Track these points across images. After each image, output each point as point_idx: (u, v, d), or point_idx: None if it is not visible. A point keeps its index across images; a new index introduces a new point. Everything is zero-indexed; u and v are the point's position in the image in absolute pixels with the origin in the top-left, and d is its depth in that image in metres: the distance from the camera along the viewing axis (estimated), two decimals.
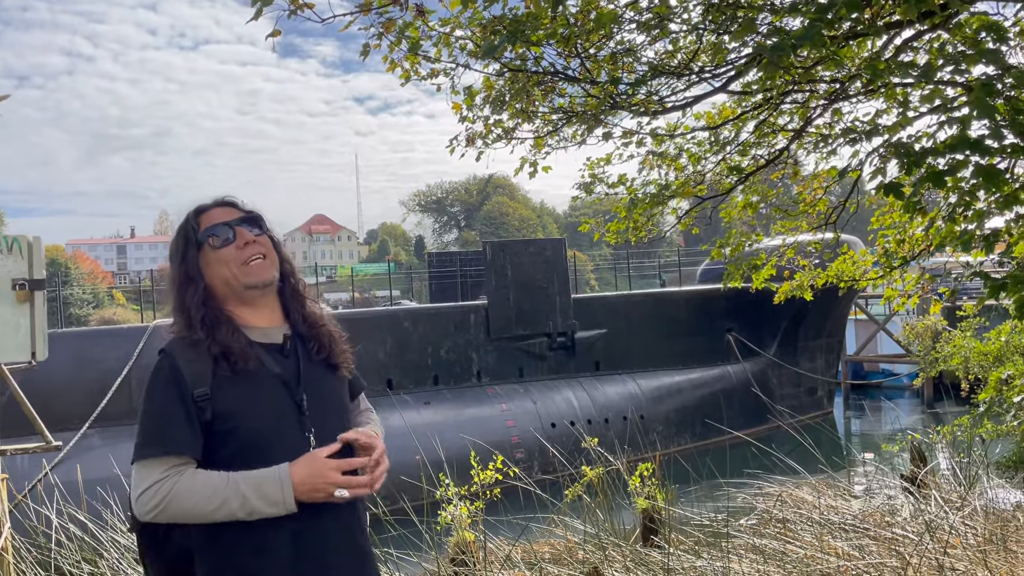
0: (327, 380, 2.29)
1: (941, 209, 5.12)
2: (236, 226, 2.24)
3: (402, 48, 4.64)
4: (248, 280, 2.21)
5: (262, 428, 2.12)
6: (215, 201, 2.32)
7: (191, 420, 2.09)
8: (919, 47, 4.62)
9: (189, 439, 2.08)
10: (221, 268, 2.21)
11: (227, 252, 2.21)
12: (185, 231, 2.26)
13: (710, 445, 18.64)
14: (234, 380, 2.12)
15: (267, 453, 2.09)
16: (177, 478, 2.05)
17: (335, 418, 2.25)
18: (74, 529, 5.84)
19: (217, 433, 2.11)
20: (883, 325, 28.37)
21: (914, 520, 5.67)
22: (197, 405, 2.09)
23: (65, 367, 13.77)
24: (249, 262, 2.21)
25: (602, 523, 6.33)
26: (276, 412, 2.15)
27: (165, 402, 2.10)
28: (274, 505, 2.03)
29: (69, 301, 46.92)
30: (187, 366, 2.11)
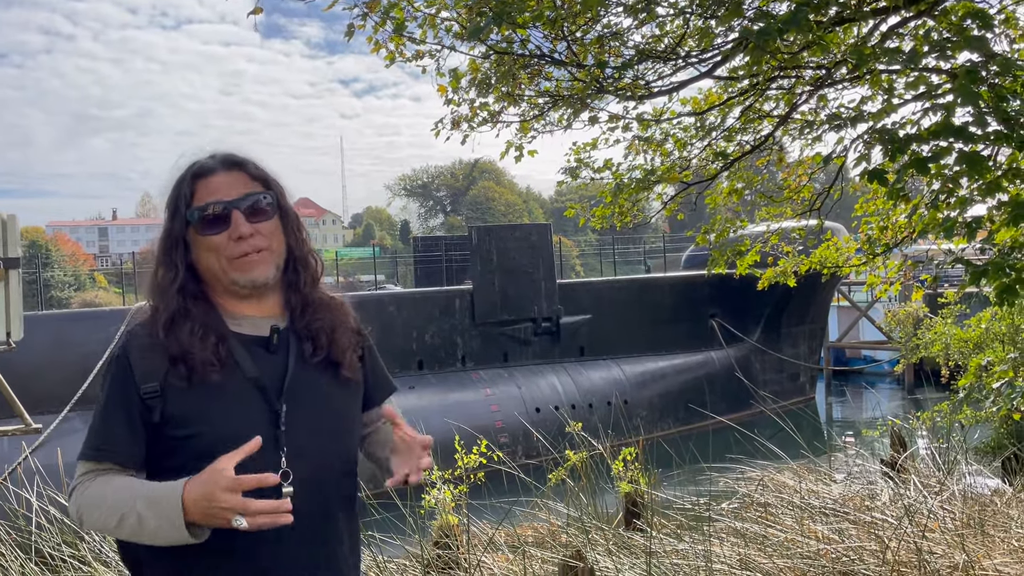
0: (323, 381, 1.92)
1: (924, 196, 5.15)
2: (235, 208, 1.84)
3: (387, 29, 4.60)
4: (236, 278, 1.85)
5: (221, 440, 1.72)
6: (220, 160, 1.90)
7: (131, 422, 1.78)
8: (905, 34, 4.63)
9: (118, 445, 1.79)
10: (208, 256, 1.86)
11: (218, 240, 1.85)
12: (176, 197, 1.88)
13: (693, 430, 18.77)
14: (191, 377, 1.79)
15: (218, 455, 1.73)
16: (89, 485, 1.77)
17: (324, 433, 1.89)
18: (55, 512, 5.80)
19: (167, 438, 1.79)
20: (865, 312, 28.61)
21: (893, 504, 5.74)
22: (144, 403, 1.78)
23: (46, 349, 13.67)
24: (240, 258, 1.85)
25: (585, 507, 6.36)
26: (242, 422, 1.77)
27: (107, 399, 1.82)
28: (173, 527, 1.64)
29: (50, 284, 46.48)
30: (139, 359, 1.80)
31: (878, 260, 6.73)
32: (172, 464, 1.77)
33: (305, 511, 1.77)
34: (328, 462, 1.90)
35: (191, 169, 1.90)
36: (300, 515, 1.73)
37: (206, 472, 1.65)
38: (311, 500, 1.82)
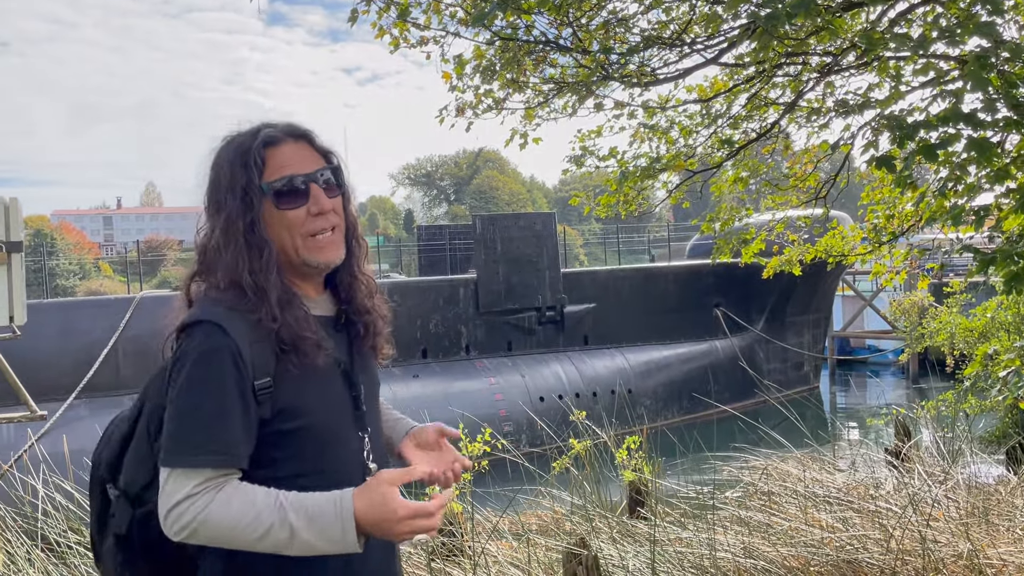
0: (370, 365, 1.91)
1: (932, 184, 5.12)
2: (313, 181, 1.74)
3: (391, 15, 4.57)
4: (309, 258, 1.75)
5: (325, 426, 1.72)
6: (283, 130, 1.78)
7: (248, 421, 1.64)
8: (913, 20, 4.59)
9: (240, 448, 1.63)
10: (282, 232, 1.73)
11: (295, 216, 1.72)
12: (246, 165, 1.71)
13: (697, 419, 18.78)
14: (295, 368, 1.70)
15: (324, 456, 1.73)
16: (214, 494, 1.59)
17: (376, 407, 1.93)
18: (60, 499, 5.82)
19: (273, 433, 1.69)
20: (870, 301, 28.55)
21: (897, 493, 5.73)
22: (257, 399, 1.65)
23: (51, 337, 13.72)
24: (317, 235, 1.74)
25: (589, 495, 6.37)
26: (336, 407, 1.76)
27: (218, 396, 1.62)
28: (332, 543, 1.57)
29: (55, 272, 46.59)
30: (249, 349, 1.64)
31: (884, 249, 6.70)
32: (277, 455, 1.69)
33: None
34: (382, 438, 1.95)
35: (259, 136, 1.76)
36: None
37: (375, 493, 1.59)
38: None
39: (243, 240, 1.70)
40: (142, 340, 15.14)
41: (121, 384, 14.84)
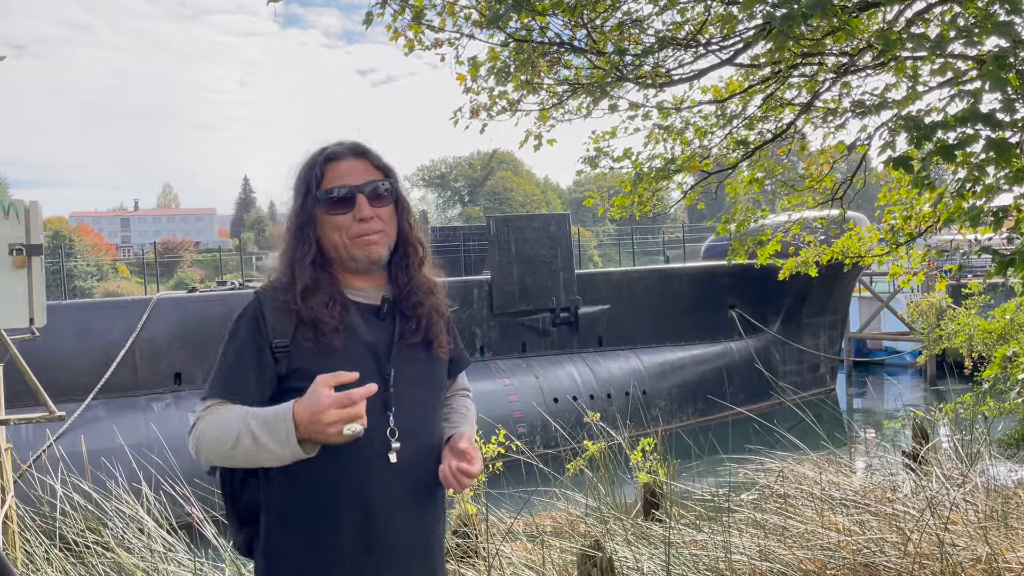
0: (420, 356, 2.13)
1: (950, 185, 5.08)
2: (359, 192, 2.06)
3: (406, 17, 4.58)
4: (356, 254, 2.07)
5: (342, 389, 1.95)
6: (348, 147, 2.12)
7: (261, 368, 1.98)
8: (931, 19, 4.56)
9: (250, 387, 1.98)
10: (333, 233, 2.07)
11: (342, 220, 2.06)
12: (308, 177, 2.09)
13: (712, 421, 18.71)
14: (317, 337, 2.00)
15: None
16: (206, 416, 1.96)
17: (423, 398, 2.11)
18: (78, 499, 5.87)
19: (290, 391, 1.95)
20: (887, 302, 28.34)
21: (915, 496, 5.68)
22: (274, 355, 1.99)
23: (69, 338, 13.83)
24: (362, 237, 2.06)
25: (604, 497, 6.36)
26: (360, 378, 1.96)
27: (239, 346, 2.01)
28: (282, 445, 1.84)
29: (73, 273, 47.01)
30: (272, 316, 2.01)
31: (901, 250, 6.65)
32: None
33: (408, 473, 2.02)
34: (426, 429, 2.11)
35: (323, 153, 2.11)
36: (404, 477, 2.01)
37: (309, 393, 1.83)
38: (414, 463, 2.03)
39: (295, 239, 2.07)
40: (159, 341, 15.26)
41: (138, 385, 14.96)
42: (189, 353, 15.50)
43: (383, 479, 1.99)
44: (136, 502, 5.57)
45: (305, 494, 1.99)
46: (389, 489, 2.00)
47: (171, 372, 15.41)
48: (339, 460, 1.95)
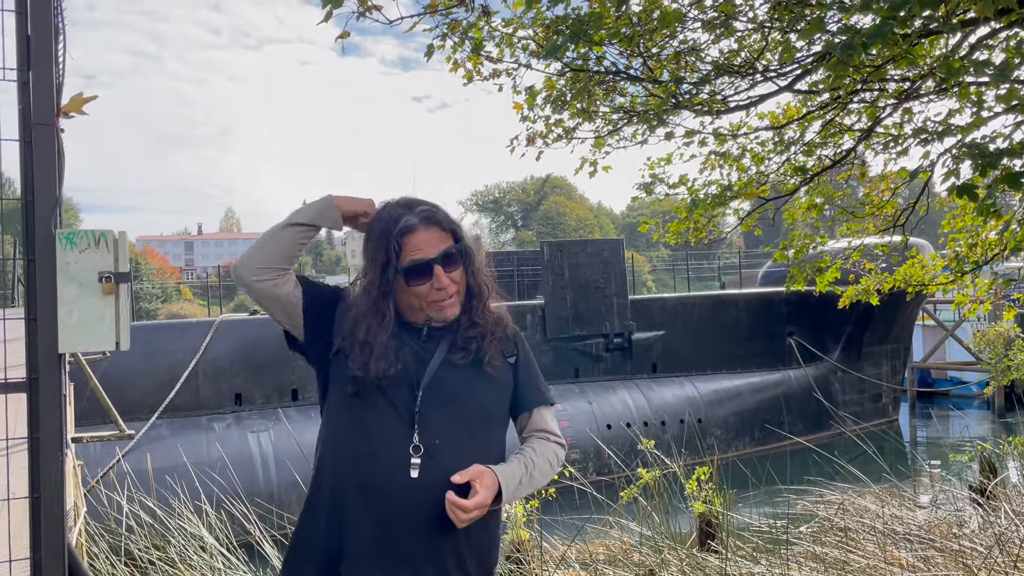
0: (462, 381, 2.21)
1: (1017, 212, 4.96)
2: (436, 263, 2.20)
3: (465, 48, 4.69)
4: (433, 315, 2.22)
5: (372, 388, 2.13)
6: (420, 217, 2.24)
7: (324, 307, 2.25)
8: (995, 45, 4.48)
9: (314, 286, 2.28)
10: (411, 299, 2.22)
11: (421, 290, 2.20)
12: (387, 249, 2.20)
13: (770, 450, 18.34)
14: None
15: (369, 422, 2.13)
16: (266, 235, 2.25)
17: (454, 422, 2.16)
18: (144, 515, 6.05)
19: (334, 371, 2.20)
20: (952, 331, 27.51)
21: (983, 533, 5.50)
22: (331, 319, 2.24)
23: (136, 359, 14.27)
24: (440, 301, 2.21)
25: (658, 526, 6.29)
26: (392, 393, 2.15)
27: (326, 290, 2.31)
28: (316, 208, 2.24)
29: (139, 296, 48.49)
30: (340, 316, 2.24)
31: (967, 278, 6.49)
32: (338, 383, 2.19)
33: (430, 492, 2.06)
34: (453, 451, 2.13)
35: (399, 227, 2.22)
36: (426, 495, 2.05)
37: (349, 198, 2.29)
38: (437, 483, 2.06)
39: (373, 304, 2.19)
40: (220, 363, 15.64)
41: (201, 405, 15.33)
42: (249, 374, 15.86)
43: (403, 492, 2.07)
44: (198, 520, 5.71)
45: (329, 487, 2.14)
46: (408, 503, 2.07)
47: (232, 393, 15.77)
48: (363, 465, 2.11)
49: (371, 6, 3.75)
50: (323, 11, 3.63)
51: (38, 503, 2.09)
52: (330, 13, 3.60)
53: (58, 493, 2.11)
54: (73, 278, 2.03)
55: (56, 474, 2.09)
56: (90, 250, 2.03)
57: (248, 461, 14.22)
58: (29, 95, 2.07)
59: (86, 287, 2.05)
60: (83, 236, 2.07)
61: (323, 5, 3.56)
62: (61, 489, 2.11)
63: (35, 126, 2.04)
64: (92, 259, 2.03)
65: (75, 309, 2.04)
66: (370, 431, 2.12)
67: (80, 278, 2.04)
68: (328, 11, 3.59)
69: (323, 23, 3.68)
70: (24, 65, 2.08)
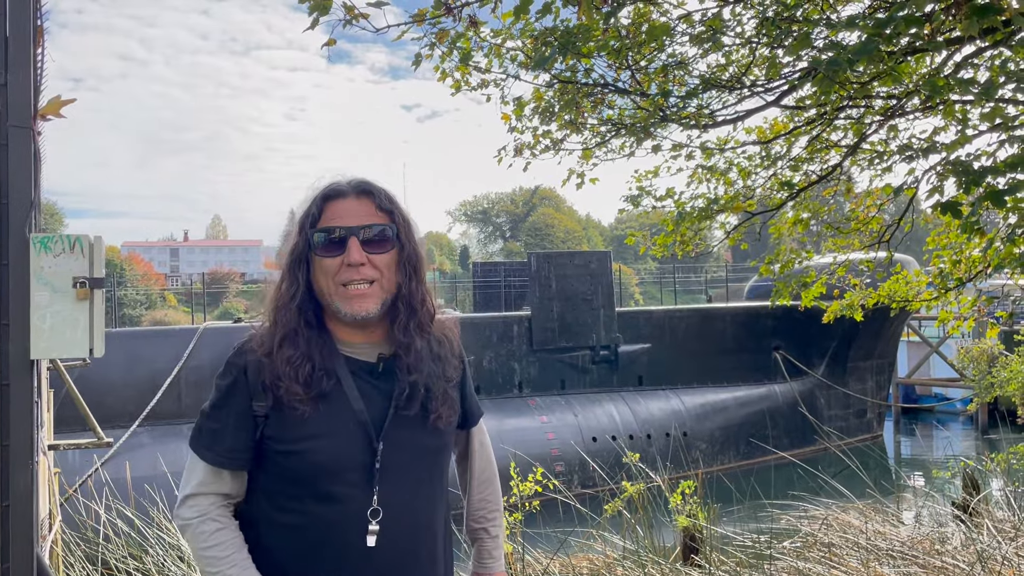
0: (416, 423, 1.90)
1: (1000, 230, 4.99)
2: (353, 235, 1.85)
3: (454, 59, 4.68)
4: (340, 307, 1.85)
5: (319, 463, 1.80)
6: (352, 185, 1.91)
7: (242, 432, 1.85)
8: (980, 64, 4.52)
9: (234, 453, 1.85)
10: (320, 276, 1.87)
11: (330, 263, 1.85)
12: (304, 215, 1.90)
13: (754, 465, 18.36)
14: (301, 399, 1.82)
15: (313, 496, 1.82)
16: (200, 527, 1.84)
17: (415, 471, 1.89)
18: (121, 525, 5.97)
19: (269, 452, 1.84)
20: (936, 348, 27.68)
21: (965, 549, 5.50)
22: (254, 419, 1.84)
23: (118, 366, 14.14)
24: (348, 286, 1.84)
25: (642, 540, 6.27)
26: (341, 453, 1.82)
27: (222, 407, 1.86)
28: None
29: (123, 302, 48.16)
30: (255, 373, 1.84)
31: (950, 295, 6.52)
32: (273, 476, 1.86)
33: (387, 557, 1.83)
34: (415, 507, 1.90)
35: (324, 190, 1.92)
36: (382, 561, 1.82)
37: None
38: (396, 546, 1.85)
39: (284, 278, 1.89)
40: (204, 370, 15.53)
41: (183, 413, 15.20)
42: None
43: (357, 565, 1.81)
44: (176, 530, 5.64)
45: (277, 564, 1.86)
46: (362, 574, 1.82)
47: None
48: (312, 541, 1.82)
49: (358, 14, 3.74)
50: (310, 18, 3.61)
51: (7, 512, 2.04)
52: (316, 20, 3.58)
53: (27, 502, 2.06)
54: (47, 283, 2.00)
55: (26, 482, 2.05)
56: (65, 255, 2.00)
57: None
58: (5, 97, 2.04)
59: (60, 292, 2.02)
60: (58, 241, 2.03)
61: (310, 12, 3.55)
62: (30, 498, 2.07)
63: (11, 128, 2.01)
64: (67, 264, 2.00)
65: (48, 314, 2.00)
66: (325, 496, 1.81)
67: (54, 283, 2.01)
68: (315, 19, 3.58)
69: (309, 30, 3.66)
70: (1, 67, 2.05)
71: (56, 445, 5.55)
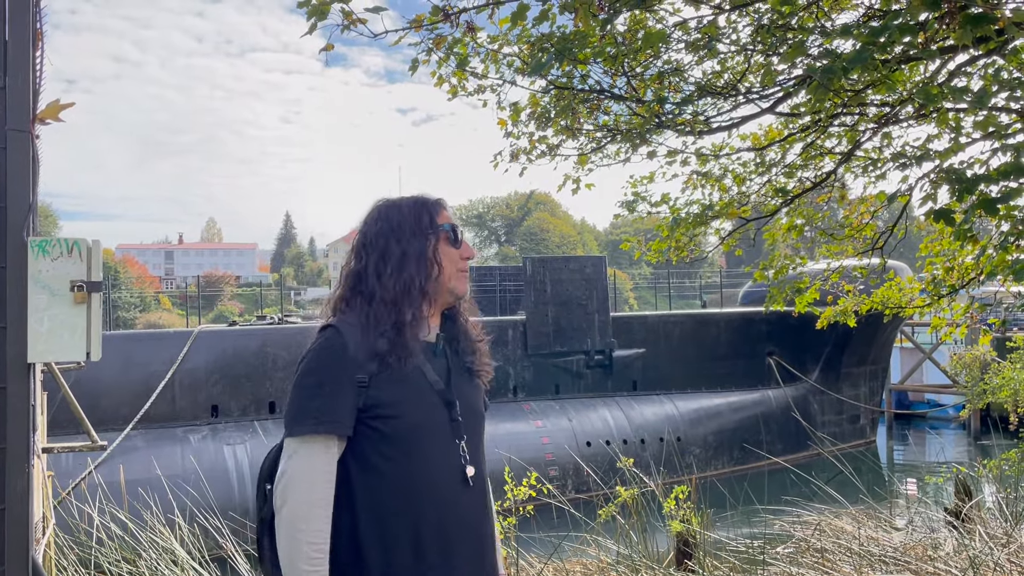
0: (473, 389, 2.31)
1: (992, 237, 5.02)
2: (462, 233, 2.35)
3: (450, 64, 4.70)
4: (456, 288, 2.27)
5: (417, 424, 2.10)
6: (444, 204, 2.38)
7: (347, 399, 2.05)
8: (973, 72, 4.55)
9: (337, 415, 2.04)
10: (447, 263, 2.26)
11: (456, 252, 2.28)
12: (430, 211, 2.28)
13: (748, 470, 18.38)
14: (393, 372, 2.10)
15: (419, 449, 2.09)
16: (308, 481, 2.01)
17: (479, 428, 2.29)
18: (115, 528, 5.95)
19: (371, 420, 2.08)
20: (929, 354, 27.75)
21: (958, 555, 5.52)
22: (357, 388, 2.07)
23: (112, 368, 14.10)
24: (464, 272, 2.30)
25: (635, 544, 6.27)
26: (431, 414, 2.14)
27: (325, 377, 2.06)
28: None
29: (117, 304, 48.01)
30: (355, 348, 2.08)
31: (943, 302, 6.56)
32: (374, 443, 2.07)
33: (478, 496, 2.18)
34: (482, 454, 2.27)
35: (434, 201, 2.33)
36: (475, 500, 2.17)
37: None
38: (480, 487, 2.20)
39: (415, 261, 2.20)
40: (198, 373, 15.50)
41: (177, 416, 15.16)
42: (227, 386, 15.71)
43: (463, 502, 2.15)
44: (170, 533, 5.63)
45: (386, 517, 2.08)
46: (467, 511, 2.15)
47: (209, 404, 15.61)
48: (423, 486, 2.09)
49: (355, 20, 3.75)
50: (307, 23, 3.62)
51: (3, 515, 2.04)
52: (314, 25, 3.59)
53: (24, 505, 2.06)
54: (45, 287, 2.00)
55: (22, 486, 2.05)
56: (63, 259, 2.00)
57: (223, 474, 14.06)
58: (4, 101, 2.04)
59: (58, 296, 2.02)
60: (56, 244, 2.04)
61: (308, 17, 3.56)
62: (27, 501, 2.07)
63: (9, 132, 2.02)
64: (65, 268, 2.00)
65: (46, 318, 2.00)
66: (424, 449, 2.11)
67: (52, 287, 2.01)
68: (312, 24, 3.59)
69: (308, 35, 3.67)
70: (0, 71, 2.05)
71: (50, 448, 5.53)
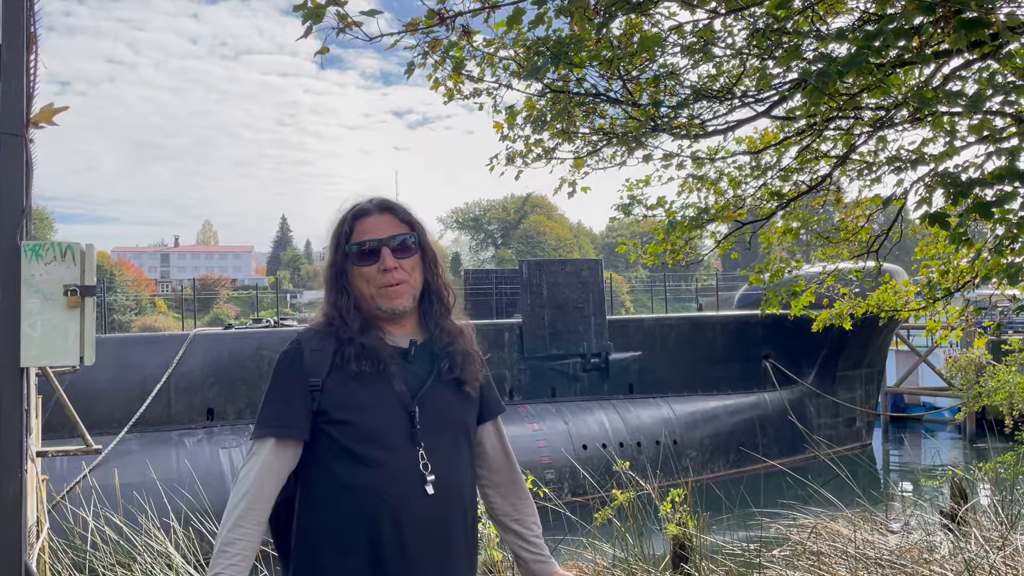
0: (448, 396, 2.25)
1: (987, 241, 5.03)
2: (385, 245, 2.23)
3: (446, 67, 4.70)
4: (380, 304, 2.22)
5: (370, 430, 2.11)
6: (375, 204, 2.29)
7: (303, 403, 2.12)
8: (968, 76, 4.56)
9: (298, 421, 2.12)
10: (361, 283, 2.23)
11: (368, 271, 2.22)
12: (338, 234, 2.27)
13: (744, 473, 18.38)
14: (349, 378, 2.14)
15: (371, 452, 2.10)
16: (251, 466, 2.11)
17: (449, 436, 2.23)
18: (110, 532, 5.93)
19: (327, 423, 2.12)
20: (925, 357, 27.81)
21: (953, 558, 5.53)
22: (311, 392, 2.13)
23: (107, 372, 14.06)
24: (387, 287, 2.21)
25: (632, 548, 6.27)
26: (386, 417, 2.14)
27: (284, 384, 2.15)
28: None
29: (113, 307, 47.90)
30: (310, 355, 2.16)
31: (938, 305, 6.57)
32: (327, 446, 2.12)
33: (440, 508, 2.13)
34: (452, 467, 2.21)
35: (352, 211, 2.28)
36: (437, 510, 2.12)
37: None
38: (444, 499, 2.15)
39: (333, 289, 2.24)
40: (193, 376, 15.46)
41: (172, 419, 15.13)
42: (222, 389, 15.68)
43: (422, 512, 2.11)
44: (165, 537, 5.61)
45: (341, 522, 2.10)
46: (427, 522, 2.11)
47: (204, 407, 15.58)
48: (377, 491, 2.08)
49: (351, 23, 3.75)
50: (303, 26, 3.62)
51: None
52: (310, 29, 3.59)
53: (16, 511, 2.05)
54: (38, 291, 2.00)
55: (15, 492, 2.04)
56: (56, 263, 1.99)
57: (218, 477, 14.02)
58: None
59: (51, 300, 2.01)
60: (49, 248, 2.03)
61: (303, 20, 3.55)
62: (20, 507, 2.06)
63: (3, 136, 2.01)
64: (58, 272, 2.00)
65: (39, 322, 2.00)
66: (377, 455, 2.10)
67: (45, 291, 2.01)
68: (308, 27, 3.58)
69: (303, 39, 3.67)
70: None
71: (44, 452, 5.52)
